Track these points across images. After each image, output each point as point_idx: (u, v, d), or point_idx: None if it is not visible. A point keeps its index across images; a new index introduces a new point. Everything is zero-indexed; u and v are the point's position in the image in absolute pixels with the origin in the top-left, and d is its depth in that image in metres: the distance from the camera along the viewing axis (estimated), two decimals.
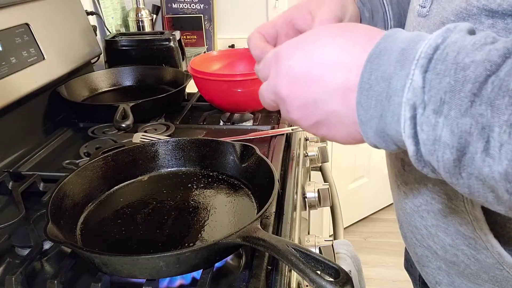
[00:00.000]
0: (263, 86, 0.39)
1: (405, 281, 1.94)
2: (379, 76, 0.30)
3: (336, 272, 0.40)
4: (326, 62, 0.34)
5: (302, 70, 0.35)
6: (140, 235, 0.55)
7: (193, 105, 1.05)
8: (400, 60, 0.29)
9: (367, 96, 0.31)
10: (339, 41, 0.34)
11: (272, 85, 0.38)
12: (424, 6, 0.43)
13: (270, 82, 0.38)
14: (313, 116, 0.35)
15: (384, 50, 0.30)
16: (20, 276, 0.49)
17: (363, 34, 0.34)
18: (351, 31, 0.35)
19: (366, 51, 0.31)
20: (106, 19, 1.40)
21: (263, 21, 1.56)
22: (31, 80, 0.88)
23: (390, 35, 0.31)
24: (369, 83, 0.30)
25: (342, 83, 0.32)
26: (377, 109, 0.30)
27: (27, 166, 0.78)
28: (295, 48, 0.36)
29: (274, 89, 0.37)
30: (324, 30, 0.36)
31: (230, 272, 0.52)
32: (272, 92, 0.38)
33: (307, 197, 0.79)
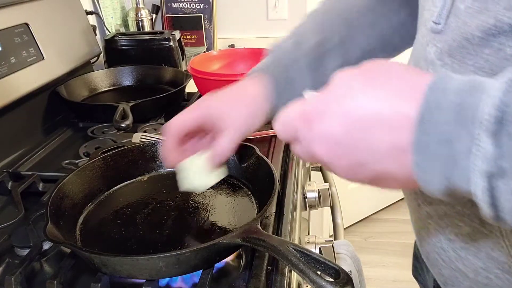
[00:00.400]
0: (297, 150, 0.36)
1: (405, 281, 1.94)
2: (437, 138, 0.27)
3: (337, 272, 0.40)
4: (367, 123, 0.30)
5: (341, 134, 0.31)
6: (140, 235, 0.55)
7: None
8: (458, 120, 0.26)
9: (425, 158, 0.28)
10: (377, 95, 0.30)
11: (308, 151, 0.34)
12: (438, 22, 0.40)
13: (305, 147, 0.34)
14: (361, 176, 0.32)
15: (436, 106, 0.27)
16: (20, 276, 0.49)
17: (402, 81, 0.30)
18: (387, 78, 0.31)
19: (413, 105, 0.28)
20: (106, 18, 1.40)
21: (263, 21, 1.57)
22: (30, 80, 0.88)
23: (437, 85, 0.28)
24: (426, 145, 0.27)
25: (391, 144, 0.29)
26: (440, 171, 0.27)
27: (27, 166, 0.78)
28: (327, 107, 0.32)
29: (312, 154, 0.33)
30: (356, 80, 0.32)
31: (230, 272, 0.52)
32: (311, 157, 0.34)
33: (307, 197, 0.79)
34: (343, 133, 0.31)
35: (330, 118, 0.31)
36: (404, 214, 2.17)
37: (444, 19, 0.40)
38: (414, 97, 0.28)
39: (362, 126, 0.30)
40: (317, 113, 0.32)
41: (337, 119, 0.31)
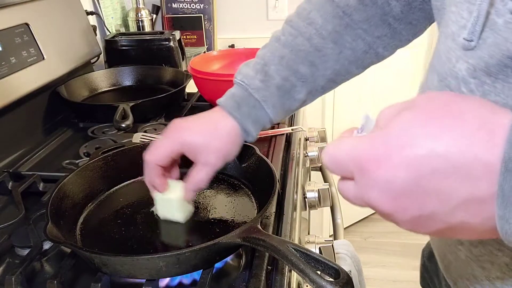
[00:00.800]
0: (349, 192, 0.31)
1: (405, 281, 1.95)
2: None
3: (336, 272, 0.40)
4: (438, 171, 0.26)
5: (408, 184, 0.27)
6: (140, 235, 0.55)
7: (193, 105, 1.05)
8: None
9: (511, 210, 0.25)
10: (447, 138, 0.26)
11: (363, 198, 0.30)
12: (470, 39, 0.37)
13: (360, 193, 0.30)
14: (429, 228, 0.29)
15: None
16: (20, 276, 0.49)
17: (474, 120, 0.26)
18: (455, 116, 0.26)
19: (493, 151, 0.24)
20: (106, 19, 1.40)
21: (263, 21, 1.57)
22: (30, 80, 0.88)
23: None
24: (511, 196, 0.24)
25: (468, 195, 0.26)
26: None
27: (27, 166, 0.78)
28: (386, 154, 0.27)
29: (369, 203, 0.30)
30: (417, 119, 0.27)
31: (230, 272, 0.52)
32: (365, 204, 0.31)
33: (307, 197, 0.79)
34: (410, 183, 0.27)
35: (392, 166, 0.27)
36: None
37: (477, 35, 0.36)
38: (492, 140, 0.25)
39: (432, 175, 0.26)
40: (375, 160, 0.28)
41: (402, 167, 0.27)
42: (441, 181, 0.26)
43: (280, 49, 0.58)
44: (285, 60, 0.57)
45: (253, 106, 0.56)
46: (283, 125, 0.89)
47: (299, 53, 0.57)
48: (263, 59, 0.58)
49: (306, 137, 0.99)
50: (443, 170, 0.26)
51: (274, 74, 0.56)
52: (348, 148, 0.30)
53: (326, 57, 0.57)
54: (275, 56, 0.57)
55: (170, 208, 0.56)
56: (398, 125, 0.28)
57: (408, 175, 0.27)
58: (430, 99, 0.28)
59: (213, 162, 0.53)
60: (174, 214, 0.56)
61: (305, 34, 0.57)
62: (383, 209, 0.29)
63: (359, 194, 0.30)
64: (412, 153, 0.26)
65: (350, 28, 0.56)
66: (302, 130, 0.90)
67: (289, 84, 0.57)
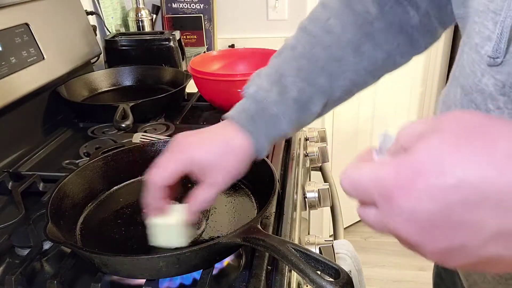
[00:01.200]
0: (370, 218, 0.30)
1: (405, 281, 1.95)
2: None
3: (336, 272, 0.40)
4: (468, 203, 0.24)
5: (435, 216, 0.25)
6: (140, 235, 0.55)
7: (193, 105, 1.05)
8: None
9: None
10: (480, 164, 0.24)
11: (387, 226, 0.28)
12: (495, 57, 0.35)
13: (383, 221, 0.28)
14: (459, 260, 0.27)
15: None
16: (20, 276, 0.49)
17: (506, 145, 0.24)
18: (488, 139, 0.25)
19: None
20: (106, 19, 1.40)
21: (263, 21, 1.57)
22: (31, 80, 0.88)
23: None
24: None
25: (501, 227, 0.24)
26: None
27: (27, 166, 0.78)
28: (413, 181, 0.26)
29: (392, 231, 0.28)
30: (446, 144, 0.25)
31: (230, 272, 0.52)
32: (389, 232, 0.29)
33: (307, 197, 0.79)
34: (438, 214, 0.25)
35: (420, 196, 0.25)
36: None
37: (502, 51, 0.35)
38: None
39: (462, 206, 0.24)
40: (401, 188, 0.26)
41: (430, 197, 0.25)
42: (472, 212, 0.24)
43: (296, 59, 0.54)
44: (302, 72, 0.53)
45: (269, 120, 0.52)
46: None
47: (317, 63, 0.53)
48: (278, 70, 0.54)
49: (306, 137, 0.99)
50: (473, 200, 0.24)
51: (291, 87, 0.52)
52: (370, 173, 0.28)
53: (345, 67, 0.54)
54: (291, 67, 0.54)
55: (170, 234, 0.50)
56: (425, 150, 0.26)
57: (436, 206, 0.25)
58: (458, 121, 0.26)
59: (221, 183, 0.49)
60: (175, 240, 0.50)
61: (323, 43, 0.54)
62: (409, 239, 0.27)
63: (382, 221, 0.28)
64: (440, 182, 0.25)
65: (370, 37, 0.53)
66: (302, 130, 0.90)
67: (306, 96, 0.53)
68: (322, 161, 0.95)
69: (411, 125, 0.29)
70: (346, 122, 1.86)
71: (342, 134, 1.87)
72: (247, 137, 0.50)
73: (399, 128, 0.30)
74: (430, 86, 2.08)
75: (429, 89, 2.09)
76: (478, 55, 0.37)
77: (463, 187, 0.24)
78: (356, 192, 0.30)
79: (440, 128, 0.26)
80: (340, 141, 1.87)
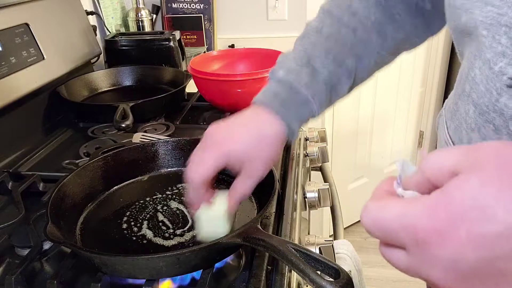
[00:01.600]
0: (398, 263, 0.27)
1: (405, 281, 1.95)
2: None
3: (336, 272, 0.40)
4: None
5: (479, 266, 0.23)
6: (140, 235, 0.55)
7: (193, 105, 1.05)
8: None
9: None
10: None
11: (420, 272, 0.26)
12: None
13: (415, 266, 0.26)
14: None
15: None
16: (20, 276, 0.49)
17: None
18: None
19: None
20: (106, 19, 1.40)
21: (263, 21, 1.57)
22: (31, 80, 0.88)
23: None
24: None
25: None
26: None
27: (27, 166, 0.78)
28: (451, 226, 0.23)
29: (426, 278, 0.26)
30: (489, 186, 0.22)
31: (230, 272, 0.52)
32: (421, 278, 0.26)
33: (307, 197, 0.79)
34: (482, 264, 0.23)
35: (461, 244, 0.23)
36: None
37: None
38: None
39: (505, 256, 0.22)
40: (438, 233, 0.23)
41: (473, 246, 0.22)
42: None
43: (323, 41, 0.54)
44: (331, 53, 0.53)
45: (302, 103, 0.52)
46: None
47: (345, 45, 0.54)
48: (306, 53, 0.54)
49: (306, 137, 0.99)
50: None
51: (321, 69, 0.52)
52: (398, 214, 0.25)
53: (370, 48, 0.55)
54: (319, 49, 0.53)
55: (218, 224, 0.50)
56: (464, 191, 0.23)
57: (481, 255, 0.22)
58: (499, 156, 0.23)
59: (261, 173, 0.49)
60: (222, 228, 0.50)
61: (349, 25, 0.54)
62: (441, 285, 0.25)
63: (414, 267, 0.26)
64: (485, 230, 0.22)
65: (393, 19, 0.54)
66: (302, 130, 0.90)
67: (335, 78, 0.53)
68: (322, 161, 0.95)
69: (438, 155, 0.26)
70: (346, 122, 1.86)
71: (342, 134, 1.87)
72: (280, 123, 0.51)
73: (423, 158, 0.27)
74: (430, 86, 2.08)
75: (429, 89, 2.09)
76: (492, 72, 0.35)
77: (508, 236, 0.22)
78: (382, 234, 0.27)
79: (478, 165, 0.23)
80: (340, 141, 1.87)
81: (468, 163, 0.24)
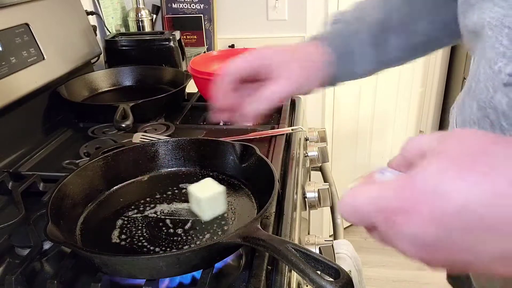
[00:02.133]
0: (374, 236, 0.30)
1: (405, 281, 1.94)
2: None
3: (336, 272, 0.40)
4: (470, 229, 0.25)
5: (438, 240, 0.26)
6: (140, 235, 0.55)
7: (193, 105, 1.05)
8: None
9: None
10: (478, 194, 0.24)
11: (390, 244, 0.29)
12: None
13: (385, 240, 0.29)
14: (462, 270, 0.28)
15: None
16: (20, 276, 0.49)
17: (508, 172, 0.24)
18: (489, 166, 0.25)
19: None
20: (106, 19, 1.40)
21: (263, 21, 1.57)
22: (31, 80, 0.88)
23: None
24: None
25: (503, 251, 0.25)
26: None
27: (27, 166, 0.78)
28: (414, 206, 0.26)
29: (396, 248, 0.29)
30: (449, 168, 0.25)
31: (230, 272, 0.52)
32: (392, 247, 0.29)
33: (307, 197, 0.79)
34: (441, 238, 0.26)
35: (422, 221, 0.26)
36: None
37: None
38: None
39: (464, 231, 0.25)
40: (402, 212, 0.26)
41: (432, 222, 0.25)
42: (474, 238, 0.25)
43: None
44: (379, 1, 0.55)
45: (345, 37, 0.53)
46: (283, 125, 0.89)
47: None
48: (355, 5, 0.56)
49: (306, 137, 0.99)
50: (475, 227, 0.24)
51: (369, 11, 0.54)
52: (370, 196, 0.28)
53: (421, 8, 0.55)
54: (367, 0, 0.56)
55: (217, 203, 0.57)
56: (426, 175, 0.26)
57: (439, 231, 0.25)
58: (462, 142, 0.26)
59: (291, 78, 0.48)
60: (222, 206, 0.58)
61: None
62: (413, 257, 0.28)
63: (386, 241, 0.29)
64: (443, 208, 0.25)
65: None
66: (302, 130, 0.90)
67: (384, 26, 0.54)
68: (322, 161, 0.95)
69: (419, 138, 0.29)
70: (346, 122, 1.86)
71: (342, 134, 1.87)
72: (320, 52, 0.51)
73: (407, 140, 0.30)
74: (430, 86, 2.08)
75: (429, 89, 2.09)
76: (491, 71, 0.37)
77: (465, 214, 0.24)
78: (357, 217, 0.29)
79: (444, 149, 0.26)
80: (340, 141, 1.87)
81: (437, 147, 0.27)
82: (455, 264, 0.27)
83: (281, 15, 1.55)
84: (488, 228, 0.24)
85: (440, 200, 0.25)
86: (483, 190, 0.24)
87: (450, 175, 0.25)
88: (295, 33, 1.56)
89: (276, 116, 0.96)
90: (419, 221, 0.26)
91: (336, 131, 1.83)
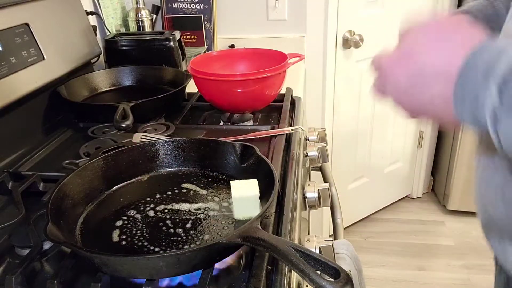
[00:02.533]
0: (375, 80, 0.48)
1: (405, 281, 1.94)
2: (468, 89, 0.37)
3: (336, 272, 0.40)
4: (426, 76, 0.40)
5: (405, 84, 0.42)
6: (140, 235, 0.55)
7: (193, 105, 1.05)
8: (484, 75, 0.36)
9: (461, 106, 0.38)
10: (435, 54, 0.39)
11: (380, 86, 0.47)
12: None
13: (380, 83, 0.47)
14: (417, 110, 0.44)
15: (470, 67, 0.37)
16: (20, 276, 0.49)
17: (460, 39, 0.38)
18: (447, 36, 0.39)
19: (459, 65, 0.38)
20: (106, 19, 1.40)
21: (263, 21, 1.57)
22: (31, 80, 0.88)
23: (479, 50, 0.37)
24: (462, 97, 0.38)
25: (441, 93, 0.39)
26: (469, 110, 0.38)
27: (27, 166, 0.78)
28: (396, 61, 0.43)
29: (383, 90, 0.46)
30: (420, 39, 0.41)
31: (230, 272, 0.52)
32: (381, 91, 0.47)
33: (307, 197, 0.79)
34: (406, 83, 0.42)
35: (397, 72, 0.43)
36: (404, 214, 2.17)
37: None
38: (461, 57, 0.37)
39: (422, 78, 0.40)
40: (390, 65, 0.44)
41: (402, 72, 0.42)
42: (428, 83, 0.40)
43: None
44: None
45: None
46: (283, 125, 0.89)
47: None
48: None
49: (306, 137, 0.99)
50: (430, 75, 0.40)
51: None
52: (381, 57, 0.46)
53: None
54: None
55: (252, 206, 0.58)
56: (408, 39, 0.43)
57: (406, 78, 0.42)
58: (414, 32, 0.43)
59: None
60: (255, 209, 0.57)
61: None
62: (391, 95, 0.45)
63: (378, 89, 0.47)
64: (410, 61, 0.42)
65: None
66: (302, 130, 0.90)
67: None
68: (322, 161, 0.95)
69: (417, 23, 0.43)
70: (346, 122, 1.86)
71: (342, 134, 1.87)
72: None
73: None
74: None
75: None
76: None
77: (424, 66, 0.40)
78: (374, 63, 0.47)
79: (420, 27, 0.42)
80: (340, 141, 1.87)
81: (417, 27, 0.43)
82: (418, 106, 0.42)
83: (281, 15, 1.55)
84: (438, 77, 0.39)
85: (412, 57, 0.41)
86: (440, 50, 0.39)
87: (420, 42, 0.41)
88: (295, 33, 1.56)
89: (276, 116, 0.96)
90: (398, 73, 0.43)
91: (336, 131, 1.83)
